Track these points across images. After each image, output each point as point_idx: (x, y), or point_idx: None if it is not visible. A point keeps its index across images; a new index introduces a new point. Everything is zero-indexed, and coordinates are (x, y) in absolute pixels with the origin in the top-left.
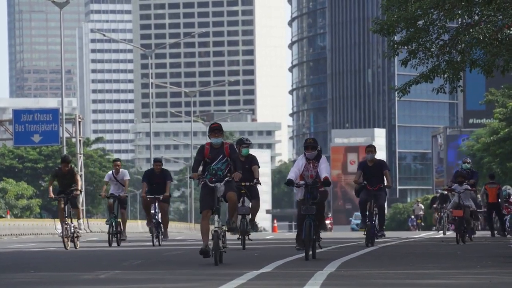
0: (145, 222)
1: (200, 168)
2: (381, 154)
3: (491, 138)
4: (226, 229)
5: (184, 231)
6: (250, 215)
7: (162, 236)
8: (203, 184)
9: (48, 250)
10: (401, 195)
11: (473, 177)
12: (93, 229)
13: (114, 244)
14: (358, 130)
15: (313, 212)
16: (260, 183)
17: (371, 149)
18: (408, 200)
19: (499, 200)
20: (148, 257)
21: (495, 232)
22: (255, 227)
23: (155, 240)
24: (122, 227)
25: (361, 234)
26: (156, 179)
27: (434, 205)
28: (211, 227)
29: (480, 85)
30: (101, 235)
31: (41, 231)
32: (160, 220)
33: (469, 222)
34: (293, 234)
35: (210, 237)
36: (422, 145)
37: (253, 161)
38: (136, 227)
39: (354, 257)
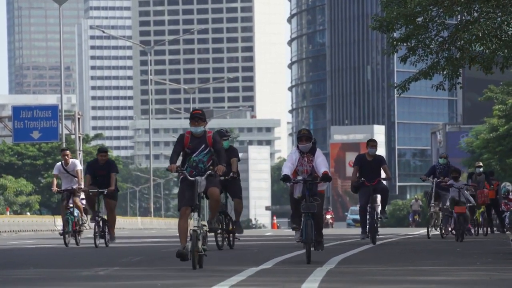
0: (145, 219)
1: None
2: (380, 151)
3: (491, 135)
4: (207, 229)
5: None
6: (234, 216)
7: (109, 238)
8: (182, 177)
9: (48, 246)
10: (401, 192)
11: (448, 173)
12: (92, 225)
13: (83, 243)
14: (358, 126)
15: (314, 210)
16: (236, 177)
17: (374, 143)
18: (408, 196)
19: (498, 196)
20: (147, 253)
21: (495, 229)
22: (239, 229)
23: (97, 241)
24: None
25: (359, 231)
26: (100, 171)
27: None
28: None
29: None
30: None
31: (41, 228)
32: (105, 218)
33: (468, 219)
34: (293, 232)
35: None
36: (422, 142)
37: (232, 153)
38: (136, 224)
39: (353, 253)
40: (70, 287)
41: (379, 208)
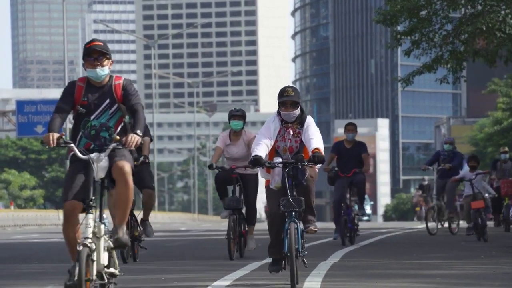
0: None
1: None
2: (384, 144)
3: (495, 128)
4: (112, 245)
5: (187, 222)
6: (142, 213)
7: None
8: (71, 154)
9: (52, 241)
10: (405, 185)
11: (453, 160)
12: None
13: None
14: (361, 120)
15: (300, 208)
16: (148, 161)
17: (352, 127)
18: (412, 190)
19: None
20: (151, 248)
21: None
22: (148, 230)
23: None
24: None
25: (363, 224)
26: None
27: (418, 194)
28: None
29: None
30: None
31: (45, 222)
32: None
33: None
34: None
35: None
36: (426, 135)
37: (146, 132)
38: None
39: (357, 247)
40: None
41: (356, 205)
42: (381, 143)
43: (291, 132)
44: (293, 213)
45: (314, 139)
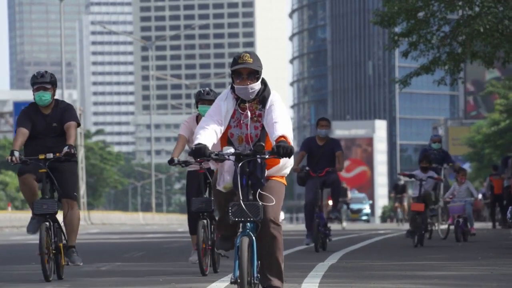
0: (147, 214)
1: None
2: (382, 146)
3: (492, 129)
4: None
5: (185, 223)
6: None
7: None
8: None
9: None
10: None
11: (447, 159)
12: (94, 221)
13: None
14: (359, 122)
15: (257, 217)
16: (74, 153)
17: (326, 123)
18: (410, 191)
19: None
20: (149, 249)
21: (497, 223)
22: (74, 259)
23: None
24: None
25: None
26: None
27: (392, 195)
28: None
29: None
30: (102, 227)
31: None
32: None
33: (426, 219)
34: (294, 226)
35: None
36: (423, 137)
37: (70, 115)
38: (137, 219)
39: (355, 248)
40: (72, 282)
41: (330, 206)
42: (378, 145)
43: (249, 114)
44: (248, 225)
45: (279, 123)
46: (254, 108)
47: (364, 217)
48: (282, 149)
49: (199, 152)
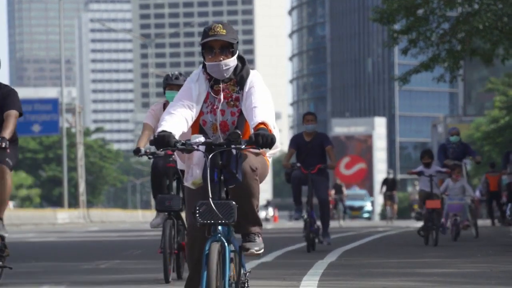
0: (146, 212)
1: None
2: (381, 143)
3: (491, 126)
4: None
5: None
6: None
7: None
8: None
9: (49, 240)
10: (402, 184)
11: (468, 152)
12: (94, 219)
13: None
14: (359, 119)
15: (230, 219)
16: (5, 147)
17: (311, 117)
18: (409, 189)
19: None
20: (148, 247)
21: (496, 220)
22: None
23: None
24: None
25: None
26: None
27: (382, 191)
28: None
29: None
30: (101, 225)
31: (42, 221)
32: None
33: (440, 216)
34: (293, 224)
35: None
36: (423, 134)
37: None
38: (137, 217)
39: (354, 246)
40: (72, 280)
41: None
42: (378, 142)
43: (222, 97)
44: (219, 228)
45: (259, 108)
46: (230, 91)
47: (366, 215)
48: (261, 138)
49: (162, 141)
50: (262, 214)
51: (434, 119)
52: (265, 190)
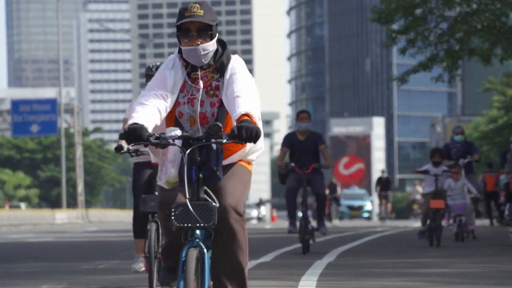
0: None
1: None
2: (379, 143)
3: (490, 126)
4: None
5: None
6: None
7: None
8: None
9: (47, 240)
10: (400, 184)
11: (471, 150)
12: (92, 219)
13: None
14: (357, 119)
15: (210, 222)
16: None
17: (305, 115)
18: (407, 189)
19: (497, 188)
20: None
21: (494, 220)
22: None
23: None
24: None
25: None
26: None
27: (377, 190)
28: None
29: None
30: (100, 225)
31: (40, 221)
32: None
33: (441, 217)
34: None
35: None
36: (421, 134)
37: None
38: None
39: (353, 246)
40: (70, 280)
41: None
42: (376, 142)
43: (201, 85)
44: (197, 232)
45: (242, 97)
46: (209, 78)
47: (366, 214)
48: (245, 131)
49: (134, 134)
50: (254, 213)
51: (432, 119)
52: (263, 190)
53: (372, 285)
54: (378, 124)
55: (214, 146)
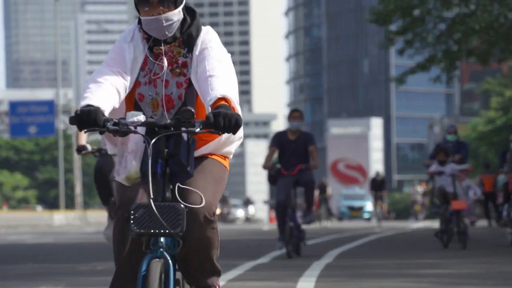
0: None
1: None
2: (378, 144)
3: (488, 127)
4: None
5: None
6: None
7: None
8: None
9: (45, 242)
10: (399, 185)
11: (460, 150)
12: (90, 220)
13: None
14: (355, 120)
15: (177, 228)
16: None
17: (298, 114)
18: (405, 190)
19: (495, 189)
20: None
21: (493, 221)
22: None
23: None
24: None
25: (347, 224)
26: None
27: (372, 192)
28: None
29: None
30: (98, 226)
31: (38, 223)
32: None
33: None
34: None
35: None
36: (419, 135)
37: None
38: None
39: (351, 247)
40: (68, 281)
41: (300, 211)
42: (374, 143)
43: (165, 62)
44: (161, 240)
45: (217, 77)
46: (175, 54)
47: (366, 215)
48: (223, 119)
49: (88, 118)
50: (240, 213)
51: (430, 120)
52: (262, 191)
53: (371, 286)
54: (376, 125)
55: (184, 136)
